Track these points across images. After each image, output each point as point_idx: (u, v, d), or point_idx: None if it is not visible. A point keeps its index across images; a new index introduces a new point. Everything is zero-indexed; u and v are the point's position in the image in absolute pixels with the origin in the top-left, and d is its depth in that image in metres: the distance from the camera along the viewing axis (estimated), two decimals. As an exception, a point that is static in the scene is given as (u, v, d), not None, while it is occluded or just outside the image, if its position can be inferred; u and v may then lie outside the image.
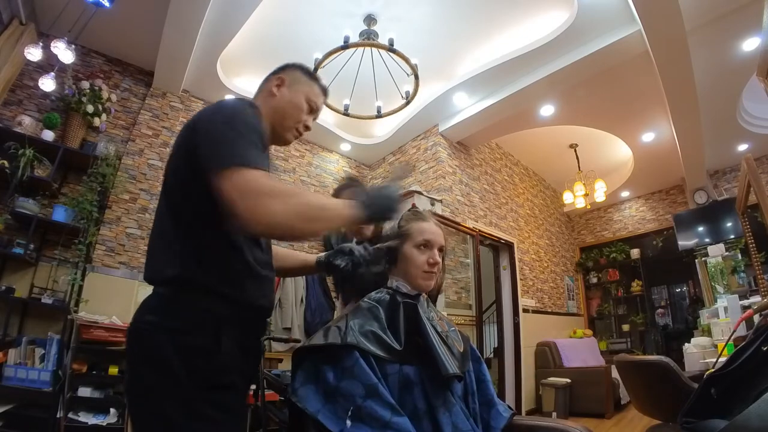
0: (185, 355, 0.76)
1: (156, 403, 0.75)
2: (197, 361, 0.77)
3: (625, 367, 1.91)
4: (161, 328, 0.78)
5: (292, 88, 1.03)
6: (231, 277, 0.85)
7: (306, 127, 1.05)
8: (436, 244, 1.01)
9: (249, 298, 0.87)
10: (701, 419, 1.00)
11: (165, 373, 0.75)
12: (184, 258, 0.82)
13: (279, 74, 1.05)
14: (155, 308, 0.81)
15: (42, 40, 2.86)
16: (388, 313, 0.94)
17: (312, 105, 1.05)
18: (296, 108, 1.02)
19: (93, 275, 2.96)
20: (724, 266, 4.22)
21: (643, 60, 3.19)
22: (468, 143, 4.69)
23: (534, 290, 5.21)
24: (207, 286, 0.81)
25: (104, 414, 2.55)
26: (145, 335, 0.79)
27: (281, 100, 1.02)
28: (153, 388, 0.76)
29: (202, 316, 0.80)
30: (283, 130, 1.02)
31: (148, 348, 0.78)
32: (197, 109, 3.89)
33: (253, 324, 0.93)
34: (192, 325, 0.79)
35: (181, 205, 0.85)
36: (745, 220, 2.87)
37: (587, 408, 4.17)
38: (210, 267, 0.83)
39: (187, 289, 0.81)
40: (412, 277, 0.99)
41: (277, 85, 1.03)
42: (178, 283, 0.81)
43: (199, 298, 0.81)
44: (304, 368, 0.85)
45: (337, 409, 0.78)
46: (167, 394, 0.75)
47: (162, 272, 0.83)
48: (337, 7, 3.10)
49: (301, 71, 1.07)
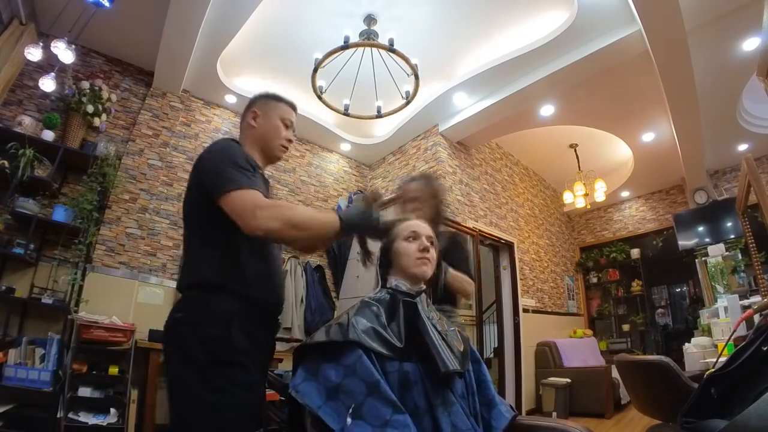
0: (203, 342, 0.95)
1: (182, 380, 0.96)
2: (212, 346, 0.95)
3: (625, 367, 1.91)
4: (185, 322, 0.98)
5: (267, 115, 1.22)
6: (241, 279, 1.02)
7: (289, 141, 1.24)
8: (423, 233, 1.04)
9: (256, 295, 1.04)
10: (701, 419, 1.00)
11: (187, 356, 0.95)
12: (201, 268, 1.03)
13: (252, 108, 1.23)
14: (181, 308, 1.02)
15: (42, 40, 2.86)
16: (388, 312, 0.94)
17: (286, 122, 1.23)
18: (275, 130, 1.22)
19: (93, 275, 2.97)
20: (724, 266, 4.22)
21: (643, 60, 3.19)
22: (468, 143, 4.69)
23: (534, 290, 5.21)
24: (219, 287, 1.00)
25: (104, 414, 2.56)
26: (174, 329, 1.00)
27: (261, 129, 1.21)
28: (180, 368, 0.97)
29: (215, 310, 0.98)
30: (271, 150, 1.22)
31: (176, 339, 0.99)
32: (197, 109, 3.91)
33: (262, 318, 1.08)
34: (208, 318, 0.97)
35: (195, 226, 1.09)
36: (745, 220, 2.87)
37: (587, 408, 4.17)
38: (222, 273, 1.01)
39: (204, 291, 1.01)
40: (407, 268, 1.00)
41: (253, 117, 1.21)
42: (196, 287, 1.02)
43: (213, 297, 1.00)
44: (306, 365, 0.86)
45: (339, 406, 0.78)
46: (189, 371, 0.94)
47: (184, 281, 1.06)
48: (337, 7, 3.10)
49: (267, 98, 1.25)
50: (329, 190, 4.82)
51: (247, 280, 1.03)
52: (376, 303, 0.96)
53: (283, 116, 1.22)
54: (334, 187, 4.88)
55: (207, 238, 1.05)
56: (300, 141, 4.65)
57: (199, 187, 1.05)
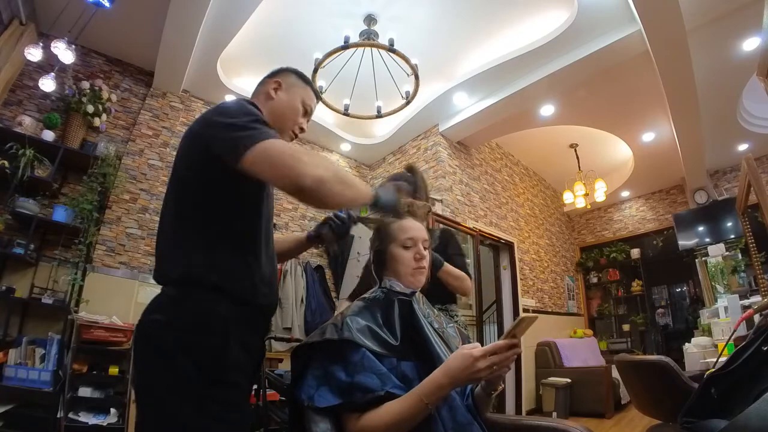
0: (191, 353, 0.79)
1: (161, 398, 0.78)
2: (203, 359, 0.80)
3: (625, 366, 1.91)
4: (169, 327, 0.81)
5: (290, 91, 1.08)
6: (235, 276, 0.88)
7: (301, 129, 1.11)
8: (419, 240, 1.02)
9: (253, 297, 0.90)
10: (701, 419, 1.00)
11: (171, 369, 0.78)
12: (190, 259, 0.85)
13: (276, 77, 1.09)
14: (163, 308, 0.84)
15: (42, 40, 2.86)
16: (384, 311, 0.94)
17: (307, 108, 1.10)
18: (293, 110, 1.07)
19: (93, 275, 2.97)
20: (725, 266, 4.21)
21: (643, 60, 3.19)
22: (468, 143, 4.69)
23: (534, 290, 5.21)
24: (212, 286, 0.84)
25: (104, 414, 2.55)
26: (152, 333, 0.82)
27: (279, 103, 1.06)
28: (159, 383, 0.79)
29: (207, 315, 0.83)
30: (281, 132, 1.04)
31: (155, 346, 0.81)
32: (197, 109, 3.91)
33: (257, 322, 0.96)
34: (198, 324, 0.82)
35: (188, 207, 0.89)
36: (745, 220, 2.87)
37: (587, 408, 4.17)
38: (214, 267, 0.86)
39: (193, 289, 0.84)
40: (403, 276, 1.00)
41: (274, 88, 1.07)
42: (184, 283, 0.85)
43: (204, 298, 0.84)
44: (314, 373, 0.85)
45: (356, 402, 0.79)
46: (173, 389, 0.78)
47: (169, 273, 0.87)
48: (337, 7, 3.10)
49: (296, 75, 1.11)
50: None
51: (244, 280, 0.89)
52: (370, 302, 0.96)
53: (305, 100, 1.10)
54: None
55: (202, 222, 0.87)
56: (300, 141, 4.64)
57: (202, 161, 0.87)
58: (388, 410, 0.76)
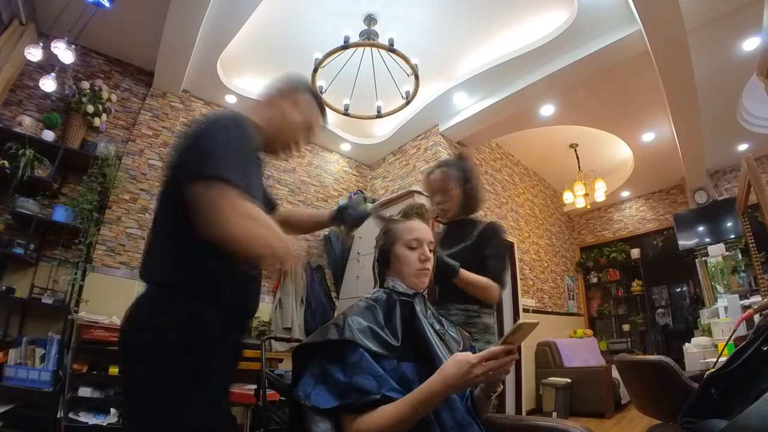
0: (173, 353, 0.81)
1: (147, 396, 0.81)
2: (185, 358, 0.81)
3: (625, 367, 1.91)
4: (150, 327, 0.83)
5: (305, 113, 1.13)
6: (218, 280, 0.89)
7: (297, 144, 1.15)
8: (425, 241, 1.02)
9: (235, 301, 0.93)
10: (701, 419, 1.00)
11: (154, 368, 0.80)
12: (175, 262, 0.87)
13: (295, 95, 1.12)
14: (145, 309, 0.86)
15: (42, 40, 2.86)
16: (386, 312, 0.94)
17: (311, 129, 1.17)
18: (303, 132, 1.14)
19: (93, 275, 2.97)
20: (725, 266, 4.21)
21: (643, 60, 3.19)
22: (468, 143, 4.69)
23: (534, 290, 5.21)
24: (195, 289, 0.86)
25: (105, 414, 2.55)
26: (135, 334, 0.85)
27: (295, 120, 1.11)
28: (144, 382, 0.81)
29: (189, 317, 0.84)
30: (284, 146, 1.12)
31: (138, 346, 0.83)
32: (197, 109, 3.91)
33: (238, 324, 0.99)
34: (180, 324, 0.83)
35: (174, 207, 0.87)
36: (745, 220, 2.87)
37: (587, 408, 4.17)
38: (198, 271, 0.87)
39: (176, 292, 0.86)
40: (406, 277, 1.00)
41: (293, 104, 1.11)
42: (167, 285, 0.86)
43: (187, 301, 0.85)
44: (312, 372, 0.85)
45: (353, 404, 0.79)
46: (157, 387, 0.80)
47: (154, 274, 0.89)
48: (337, 7, 3.10)
49: (312, 96, 1.16)
50: (329, 190, 4.82)
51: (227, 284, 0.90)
52: (373, 303, 0.96)
53: (313, 125, 1.17)
54: (334, 187, 4.88)
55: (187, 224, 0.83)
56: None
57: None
58: (383, 414, 0.76)
